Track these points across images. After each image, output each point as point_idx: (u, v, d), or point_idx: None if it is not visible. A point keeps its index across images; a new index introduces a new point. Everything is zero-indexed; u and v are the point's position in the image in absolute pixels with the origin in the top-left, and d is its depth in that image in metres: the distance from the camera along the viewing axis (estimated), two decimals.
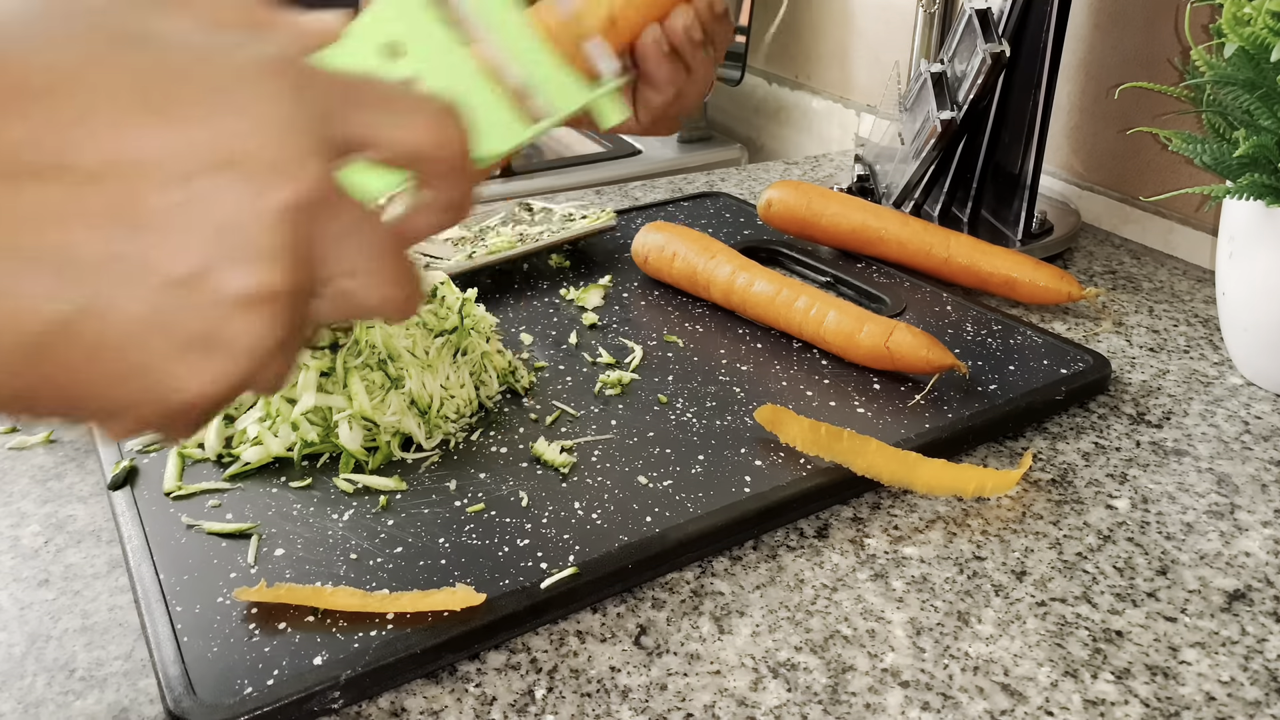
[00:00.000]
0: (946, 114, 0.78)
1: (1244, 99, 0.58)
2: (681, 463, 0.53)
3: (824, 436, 0.51)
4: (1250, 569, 0.48)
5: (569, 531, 0.47)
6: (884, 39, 1.12)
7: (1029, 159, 0.80)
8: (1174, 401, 0.62)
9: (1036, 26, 0.78)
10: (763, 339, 0.66)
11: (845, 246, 0.77)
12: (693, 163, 1.25)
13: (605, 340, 0.66)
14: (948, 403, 0.58)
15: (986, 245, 0.73)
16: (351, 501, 0.50)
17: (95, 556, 0.48)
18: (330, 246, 0.27)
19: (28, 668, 0.42)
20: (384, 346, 0.54)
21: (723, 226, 0.83)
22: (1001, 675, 0.42)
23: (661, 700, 0.40)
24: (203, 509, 0.49)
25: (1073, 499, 0.53)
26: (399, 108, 0.28)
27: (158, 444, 0.53)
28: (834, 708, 0.40)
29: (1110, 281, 0.79)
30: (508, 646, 0.43)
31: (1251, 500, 0.53)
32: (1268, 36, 0.55)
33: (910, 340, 0.59)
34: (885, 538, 0.50)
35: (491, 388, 0.59)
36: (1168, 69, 0.82)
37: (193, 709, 0.38)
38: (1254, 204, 0.59)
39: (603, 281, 0.73)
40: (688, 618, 0.45)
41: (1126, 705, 0.41)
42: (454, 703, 0.40)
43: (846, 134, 1.18)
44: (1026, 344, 0.65)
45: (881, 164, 0.88)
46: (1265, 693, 0.41)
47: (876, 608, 0.45)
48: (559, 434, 0.55)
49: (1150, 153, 0.85)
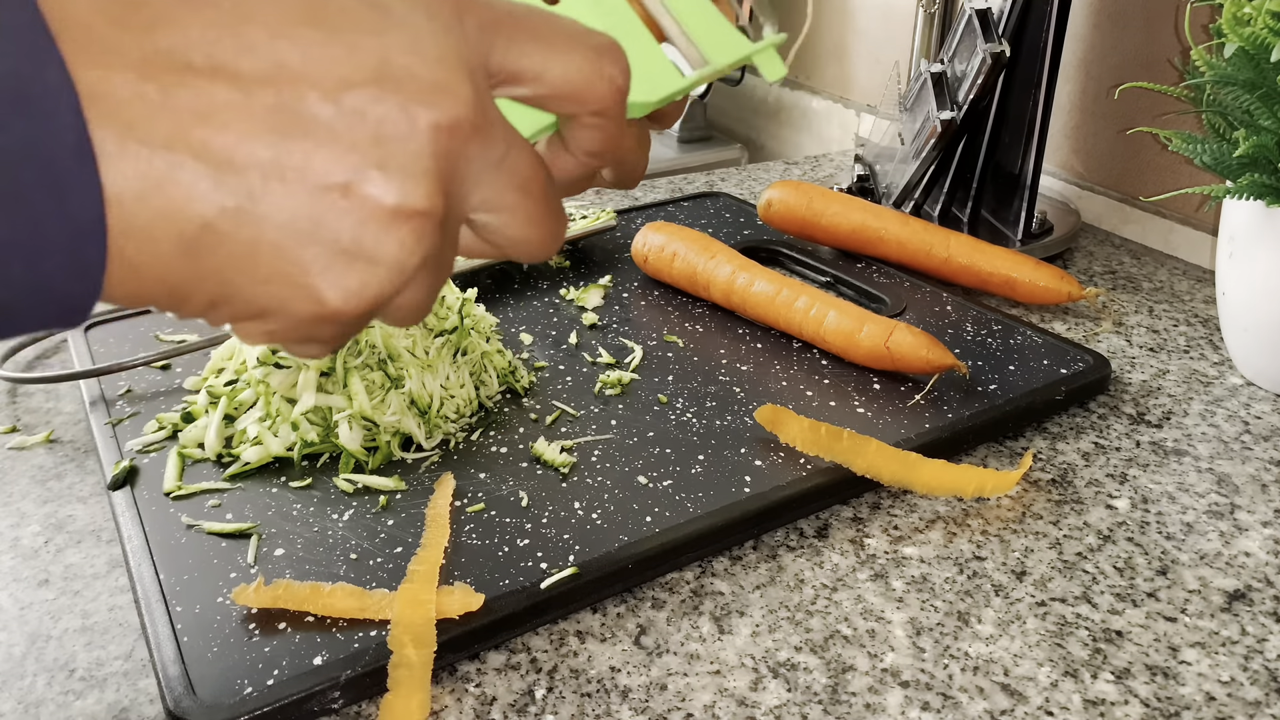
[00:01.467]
0: (946, 114, 0.78)
1: (1244, 99, 0.58)
2: (681, 463, 0.53)
3: (824, 436, 0.51)
4: (1250, 569, 0.48)
5: (569, 531, 0.47)
6: (884, 39, 1.12)
7: (1029, 159, 0.80)
8: (1174, 401, 0.62)
9: (1036, 26, 0.78)
10: (763, 339, 0.66)
11: (845, 246, 0.77)
12: (693, 163, 1.25)
13: (605, 340, 0.66)
14: (948, 403, 0.58)
15: (986, 245, 0.73)
16: (351, 501, 0.50)
17: (95, 556, 0.48)
18: (479, 174, 0.27)
19: (28, 668, 0.42)
20: (384, 346, 0.54)
21: (723, 226, 0.83)
22: (1001, 675, 0.42)
23: (661, 700, 0.40)
24: (203, 509, 0.49)
25: (1073, 499, 0.53)
26: (558, 41, 0.28)
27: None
28: (834, 708, 0.40)
29: (1110, 281, 0.79)
30: (508, 646, 0.43)
31: (1251, 500, 0.53)
32: (1268, 36, 0.55)
33: (910, 340, 0.59)
34: (885, 538, 0.50)
35: (491, 388, 0.59)
36: (1168, 69, 0.82)
37: (193, 709, 0.38)
38: (1254, 204, 0.59)
39: (603, 281, 0.73)
40: (688, 618, 0.45)
41: (1126, 705, 0.41)
42: (454, 703, 0.40)
43: (846, 134, 1.18)
44: (1026, 344, 0.65)
45: (881, 164, 0.88)
46: (1265, 693, 0.41)
47: (876, 608, 0.45)
48: (559, 434, 0.55)
49: (1150, 153, 0.85)
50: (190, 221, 0.24)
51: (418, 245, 0.26)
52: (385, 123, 0.25)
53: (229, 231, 0.24)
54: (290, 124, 0.24)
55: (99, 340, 0.65)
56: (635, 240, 0.73)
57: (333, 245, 0.25)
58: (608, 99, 0.29)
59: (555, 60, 0.28)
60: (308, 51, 0.25)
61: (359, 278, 0.26)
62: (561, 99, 0.29)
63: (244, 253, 0.25)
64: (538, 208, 0.29)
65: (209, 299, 0.26)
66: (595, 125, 0.30)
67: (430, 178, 0.26)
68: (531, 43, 0.28)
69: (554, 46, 0.28)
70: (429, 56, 0.26)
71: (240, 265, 0.25)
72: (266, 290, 0.26)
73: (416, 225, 0.26)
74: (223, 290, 0.25)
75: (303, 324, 0.27)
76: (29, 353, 0.66)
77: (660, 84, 0.33)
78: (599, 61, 0.28)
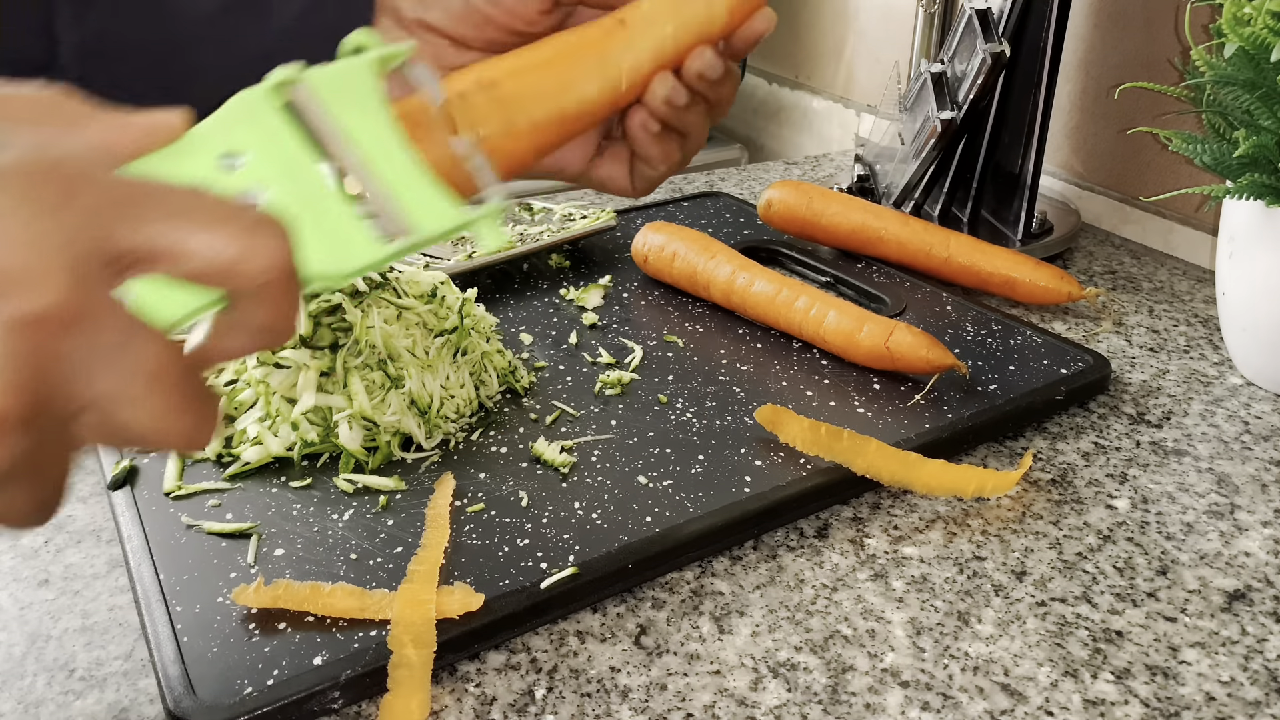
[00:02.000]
0: (946, 114, 0.78)
1: (1244, 99, 0.58)
2: (681, 463, 0.53)
3: (824, 436, 0.51)
4: (1250, 569, 0.48)
5: (569, 531, 0.47)
6: (884, 39, 1.12)
7: (1029, 159, 0.80)
8: (1174, 401, 0.62)
9: (1036, 26, 0.78)
10: (763, 339, 0.66)
11: (845, 246, 0.77)
12: (693, 163, 1.25)
13: (605, 340, 0.66)
14: (948, 403, 0.58)
15: (986, 245, 0.73)
16: (351, 501, 0.50)
17: (95, 556, 0.48)
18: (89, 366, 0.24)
19: (28, 668, 0.42)
20: (384, 346, 0.54)
21: (723, 226, 0.83)
22: (1001, 675, 0.42)
23: (661, 700, 0.40)
24: (203, 509, 0.49)
25: (1073, 499, 0.53)
26: (202, 218, 0.26)
27: None
28: (834, 708, 0.40)
29: (1110, 281, 0.79)
30: (508, 646, 0.43)
31: (1251, 500, 0.53)
32: (1268, 36, 0.55)
33: (910, 340, 0.59)
34: (885, 538, 0.50)
35: (491, 388, 0.59)
36: (1168, 69, 0.82)
37: (193, 709, 0.38)
38: (1254, 204, 0.59)
39: (603, 281, 0.73)
40: (688, 618, 0.45)
41: (1126, 705, 0.41)
42: (454, 703, 0.40)
43: (846, 134, 1.18)
44: (1026, 344, 0.65)
45: (881, 164, 0.88)
46: (1265, 693, 0.41)
47: (876, 608, 0.45)
48: (559, 434, 0.55)
49: (1150, 153, 0.85)
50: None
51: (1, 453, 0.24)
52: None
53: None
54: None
55: None
56: (635, 240, 0.73)
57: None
58: (267, 272, 0.27)
59: (197, 237, 0.26)
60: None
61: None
62: (212, 275, 0.26)
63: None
64: (173, 397, 0.26)
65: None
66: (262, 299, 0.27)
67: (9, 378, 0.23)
68: (165, 221, 0.25)
69: (194, 222, 0.26)
70: (16, 242, 0.23)
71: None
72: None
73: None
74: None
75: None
76: None
77: (353, 254, 0.31)
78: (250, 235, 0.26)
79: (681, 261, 0.70)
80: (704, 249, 0.69)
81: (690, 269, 0.69)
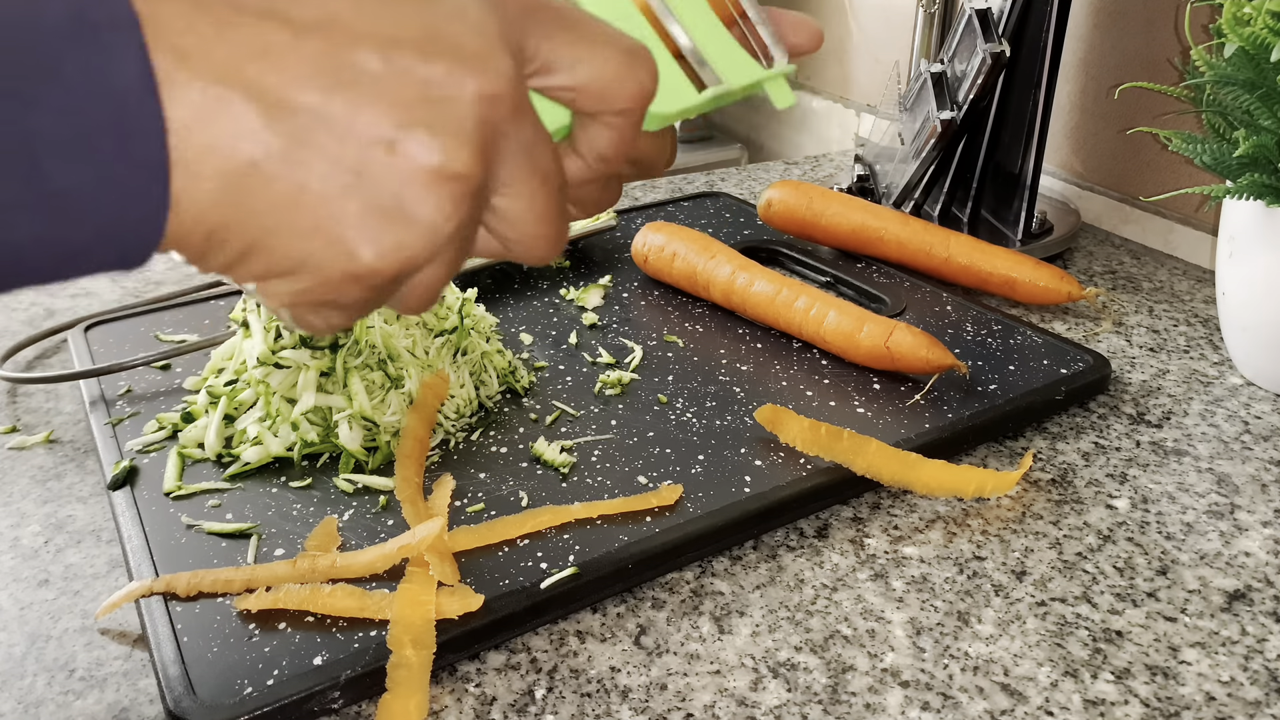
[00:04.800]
0: (946, 114, 0.78)
1: (1244, 99, 0.58)
2: (681, 463, 0.53)
3: (824, 436, 0.51)
4: (1250, 569, 0.48)
5: (569, 531, 0.47)
6: (884, 39, 1.12)
7: (1029, 159, 0.80)
8: (1174, 401, 0.62)
9: (1036, 26, 0.78)
10: (763, 339, 0.66)
11: (845, 246, 0.77)
12: (693, 163, 1.25)
13: (605, 340, 0.66)
14: (948, 403, 0.58)
15: (986, 245, 0.73)
16: (351, 501, 0.50)
17: (95, 556, 0.48)
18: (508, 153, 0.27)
19: (28, 668, 0.42)
20: (384, 346, 0.54)
21: (723, 226, 0.83)
22: (1001, 675, 0.42)
23: (661, 700, 0.40)
24: (203, 509, 0.49)
25: (1073, 499, 0.53)
26: (593, 37, 0.28)
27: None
28: (834, 708, 0.40)
29: (1110, 281, 0.79)
30: (508, 647, 0.43)
31: (1251, 500, 0.53)
32: (1268, 36, 0.55)
33: (910, 340, 0.59)
34: (885, 538, 0.50)
35: (491, 388, 0.59)
36: (1168, 69, 0.82)
37: (193, 709, 0.38)
38: (1254, 204, 0.59)
39: (603, 281, 0.73)
40: (688, 618, 0.45)
41: (1126, 705, 0.41)
42: (454, 703, 0.40)
43: (846, 134, 1.18)
44: (1026, 344, 0.64)
45: (881, 164, 0.88)
46: (1265, 693, 0.41)
47: (876, 608, 0.45)
48: (559, 434, 0.55)
49: (1150, 153, 0.85)
50: (237, 159, 0.24)
51: (454, 211, 0.26)
52: (433, 85, 0.25)
53: (274, 174, 0.24)
54: (339, 74, 0.24)
55: (99, 340, 0.65)
56: (635, 240, 0.73)
57: (373, 201, 0.25)
58: (634, 100, 0.29)
59: (588, 55, 0.28)
60: (359, 6, 0.25)
61: (395, 237, 0.26)
62: (589, 95, 0.29)
63: (286, 199, 0.25)
64: (550, 204, 0.29)
65: (243, 247, 0.25)
66: (613, 126, 0.30)
67: (473, 144, 0.26)
68: (567, 34, 0.28)
69: (588, 41, 0.28)
70: (475, 28, 0.26)
71: (281, 212, 0.25)
72: (303, 243, 0.25)
73: (456, 190, 0.26)
74: (259, 239, 0.25)
75: (331, 283, 0.26)
76: (29, 353, 0.66)
77: (677, 98, 0.33)
78: (630, 62, 0.29)
79: (681, 261, 0.70)
80: (704, 249, 0.69)
81: (690, 269, 0.69)
